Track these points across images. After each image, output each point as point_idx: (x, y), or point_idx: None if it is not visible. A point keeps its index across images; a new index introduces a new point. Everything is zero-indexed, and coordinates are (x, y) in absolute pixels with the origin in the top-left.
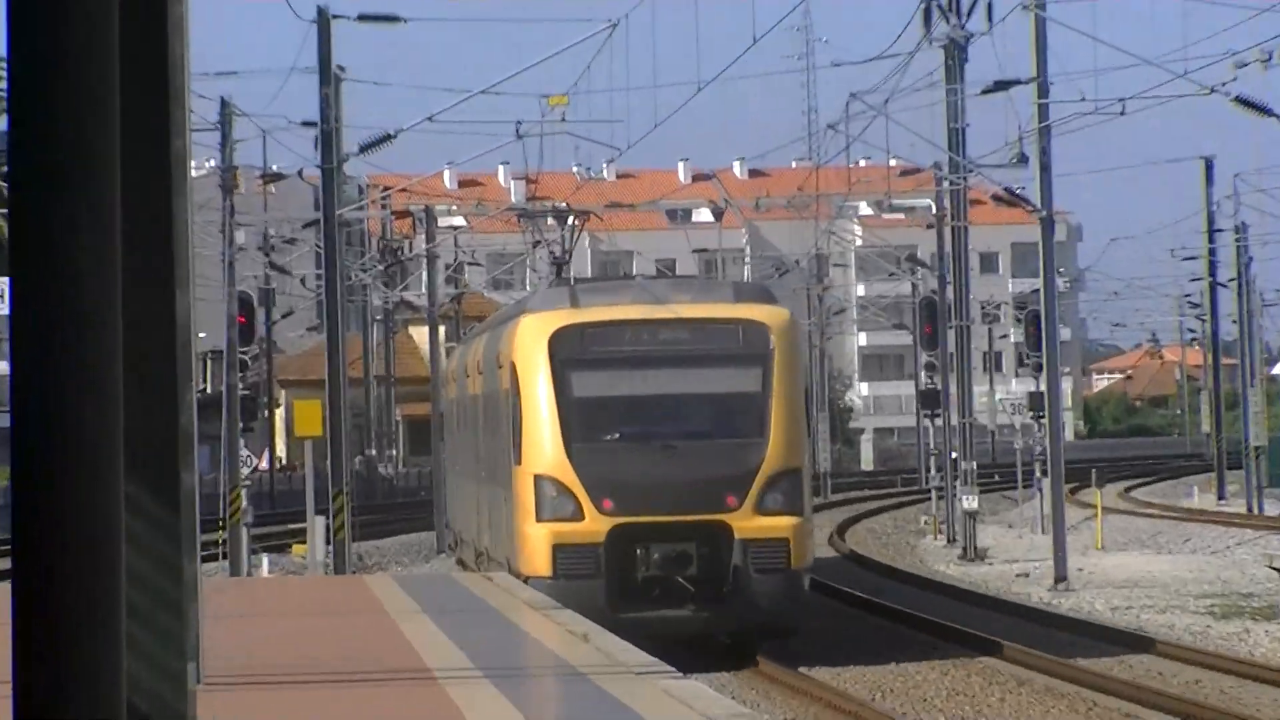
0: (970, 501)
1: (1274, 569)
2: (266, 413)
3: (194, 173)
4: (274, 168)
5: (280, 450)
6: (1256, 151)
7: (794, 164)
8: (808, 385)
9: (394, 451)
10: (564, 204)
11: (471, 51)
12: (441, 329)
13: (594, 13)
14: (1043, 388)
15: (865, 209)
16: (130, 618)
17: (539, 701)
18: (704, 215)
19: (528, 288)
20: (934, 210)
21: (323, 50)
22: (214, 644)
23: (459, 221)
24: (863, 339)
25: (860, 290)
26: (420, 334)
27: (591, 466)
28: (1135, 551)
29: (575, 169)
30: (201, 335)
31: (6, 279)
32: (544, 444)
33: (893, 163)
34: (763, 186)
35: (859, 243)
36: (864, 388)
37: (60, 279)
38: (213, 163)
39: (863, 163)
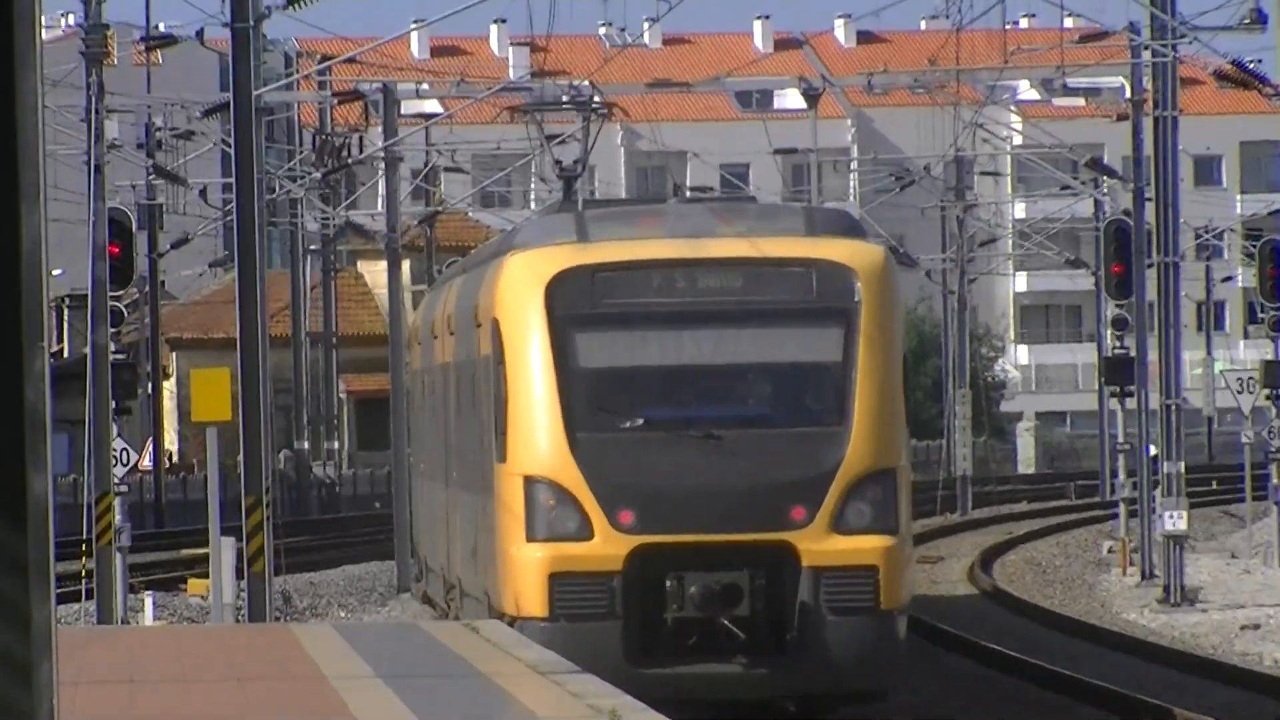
0: (1176, 521)
1: None
2: (151, 386)
3: (45, 35)
4: (161, 27)
5: (170, 441)
6: None
7: (923, 25)
8: (907, 352)
9: (336, 444)
10: (585, 83)
11: None
12: (406, 265)
13: None
14: None
15: (1027, 91)
16: None
17: None
18: (791, 100)
19: (532, 205)
20: (1127, 94)
21: None
22: None
23: (432, 107)
24: (1021, 282)
25: (1019, 211)
26: (375, 272)
27: (604, 465)
28: None
29: (603, 31)
30: (56, 273)
31: None
32: (538, 434)
33: (1068, 23)
34: (878, 58)
35: (1017, 141)
36: (1022, 353)
37: None
38: (73, 20)
39: (1024, 24)
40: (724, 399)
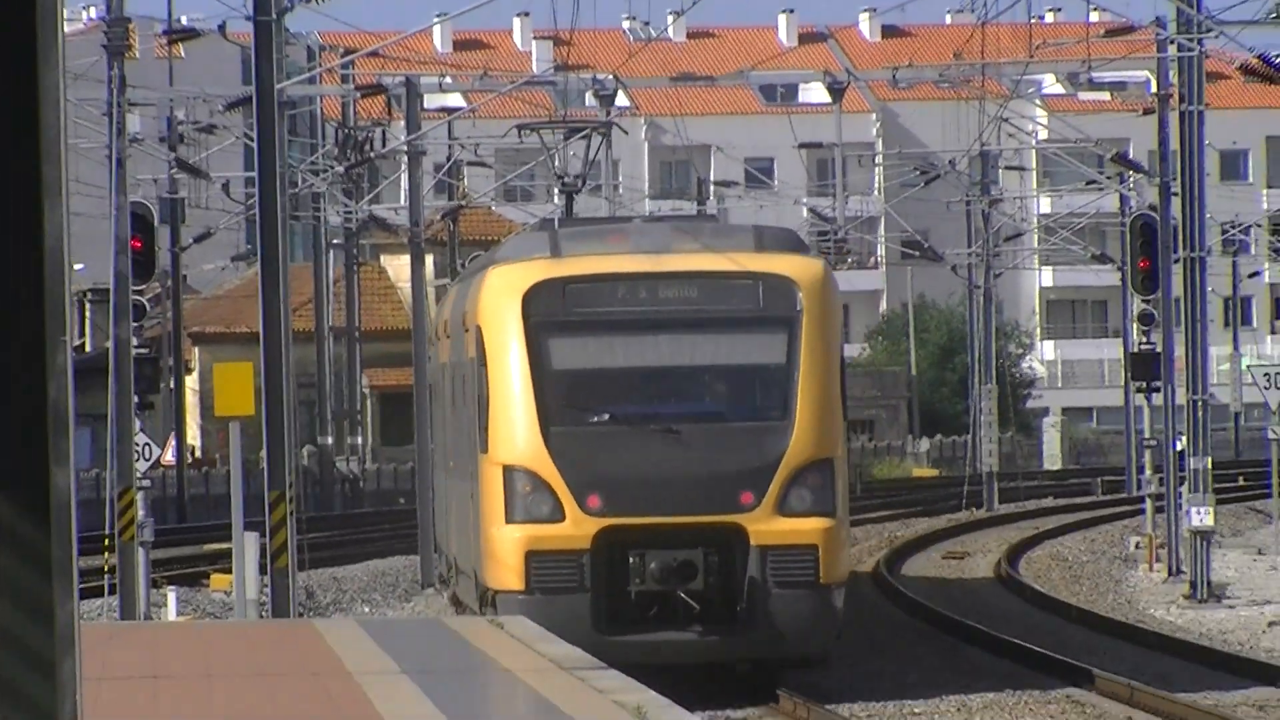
0: (1202, 516)
1: None
2: (173, 381)
3: (67, 28)
4: (184, 21)
5: (193, 436)
6: None
7: (948, 19)
8: (844, 357)
9: (360, 439)
10: (608, 77)
11: None
12: (429, 259)
13: None
14: None
15: (1052, 86)
16: None
17: None
18: (816, 94)
19: (555, 199)
20: (1153, 88)
21: None
22: (100, 717)
23: (455, 101)
24: (1047, 277)
25: (1044, 206)
26: (398, 266)
27: (574, 455)
28: None
29: (626, 25)
30: (78, 267)
31: None
32: (515, 428)
33: (1094, 17)
34: (903, 52)
35: (1043, 135)
36: (1048, 349)
37: None
38: (94, 13)
39: (1049, 18)
40: (681, 397)
